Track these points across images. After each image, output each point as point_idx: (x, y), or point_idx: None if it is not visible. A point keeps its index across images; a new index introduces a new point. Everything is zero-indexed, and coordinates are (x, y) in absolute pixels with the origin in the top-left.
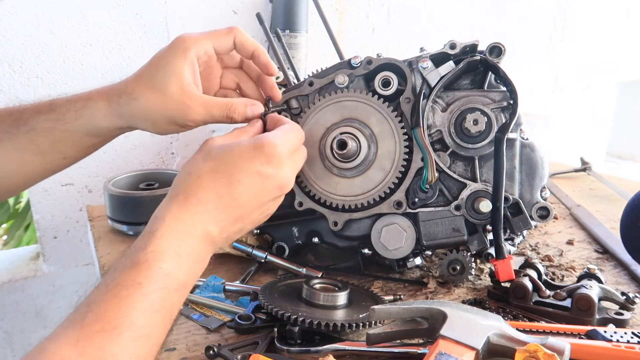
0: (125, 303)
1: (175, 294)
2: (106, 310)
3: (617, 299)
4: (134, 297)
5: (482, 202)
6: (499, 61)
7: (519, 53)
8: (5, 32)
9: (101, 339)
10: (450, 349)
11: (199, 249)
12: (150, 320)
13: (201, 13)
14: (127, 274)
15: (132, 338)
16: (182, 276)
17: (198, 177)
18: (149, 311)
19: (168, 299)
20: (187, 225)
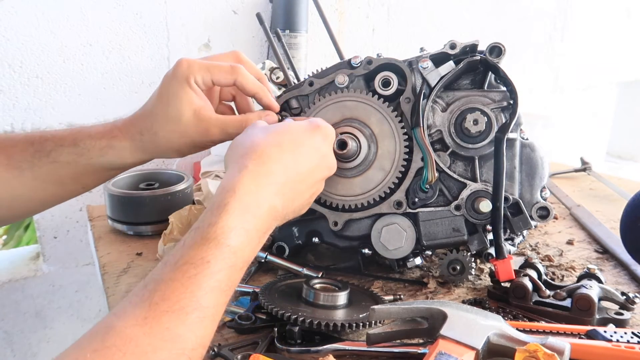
0: (192, 282)
1: (239, 272)
2: (174, 289)
3: (617, 299)
4: (201, 276)
5: (482, 202)
6: (499, 61)
7: (519, 53)
8: (5, 32)
9: (169, 320)
10: (450, 348)
11: (265, 224)
12: (216, 300)
13: (201, 13)
14: (196, 250)
15: (199, 319)
16: (247, 253)
17: (264, 149)
18: (216, 291)
19: (233, 276)
20: (258, 197)
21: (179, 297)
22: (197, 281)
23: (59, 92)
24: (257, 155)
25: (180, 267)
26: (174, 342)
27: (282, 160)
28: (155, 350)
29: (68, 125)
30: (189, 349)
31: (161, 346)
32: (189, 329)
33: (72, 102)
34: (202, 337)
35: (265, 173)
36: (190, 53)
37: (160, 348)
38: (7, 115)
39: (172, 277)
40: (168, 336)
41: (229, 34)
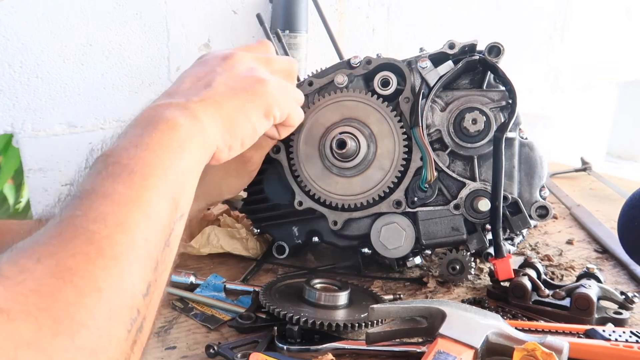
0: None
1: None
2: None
3: (616, 299)
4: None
5: (481, 201)
6: (498, 61)
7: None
8: (5, 32)
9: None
10: (449, 347)
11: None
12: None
13: (201, 13)
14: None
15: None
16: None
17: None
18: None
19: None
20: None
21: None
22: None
23: (59, 92)
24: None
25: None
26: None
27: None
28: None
29: (68, 125)
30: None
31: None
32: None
33: (72, 102)
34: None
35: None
36: (190, 53)
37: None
38: (7, 115)
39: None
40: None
41: (229, 34)
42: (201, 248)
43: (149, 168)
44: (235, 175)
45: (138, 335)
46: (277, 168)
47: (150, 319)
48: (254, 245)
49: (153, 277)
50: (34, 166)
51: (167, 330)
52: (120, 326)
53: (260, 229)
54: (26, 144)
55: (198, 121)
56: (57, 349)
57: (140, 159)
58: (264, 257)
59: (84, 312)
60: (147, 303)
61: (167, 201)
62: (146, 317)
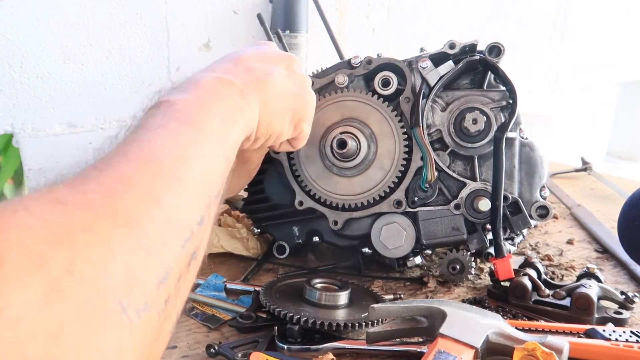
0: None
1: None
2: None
3: (616, 298)
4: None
5: (482, 201)
6: (499, 61)
7: (519, 53)
8: (5, 32)
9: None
10: (449, 347)
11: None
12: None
13: (201, 13)
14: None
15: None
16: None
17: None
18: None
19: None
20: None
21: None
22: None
23: (59, 92)
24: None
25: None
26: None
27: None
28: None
29: (68, 125)
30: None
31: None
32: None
33: (72, 102)
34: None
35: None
36: (190, 53)
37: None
38: (7, 115)
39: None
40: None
41: (229, 34)
42: None
43: (212, 125)
44: (234, 175)
45: (192, 259)
46: (278, 168)
47: (203, 249)
48: (255, 245)
49: (206, 212)
50: (34, 166)
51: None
52: (176, 238)
53: (261, 229)
54: (26, 144)
55: (249, 106)
56: (115, 237)
57: (204, 116)
58: (264, 256)
59: (144, 215)
60: (200, 233)
61: (221, 157)
62: (199, 247)
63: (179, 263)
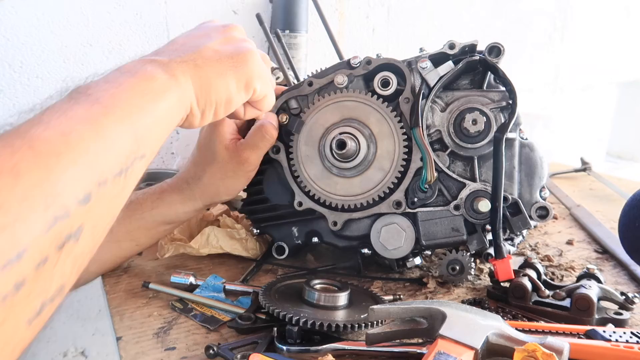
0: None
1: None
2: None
3: (616, 299)
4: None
5: (481, 201)
6: (498, 61)
7: (519, 53)
8: (5, 32)
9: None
10: (449, 348)
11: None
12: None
13: (201, 13)
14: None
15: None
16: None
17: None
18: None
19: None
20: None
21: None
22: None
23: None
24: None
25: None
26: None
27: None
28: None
29: None
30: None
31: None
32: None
33: None
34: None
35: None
36: None
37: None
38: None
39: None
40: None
41: None
42: (201, 249)
43: (115, 101)
44: (232, 176)
45: (68, 241)
46: (277, 168)
47: (90, 232)
48: (254, 246)
49: (96, 190)
50: None
51: (166, 331)
52: (38, 216)
53: (260, 230)
54: None
55: (175, 79)
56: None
57: (109, 93)
58: (263, 257)
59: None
60: (84, 211)
61: (126, 133)
62: (83, 226)
63: (40, 244)
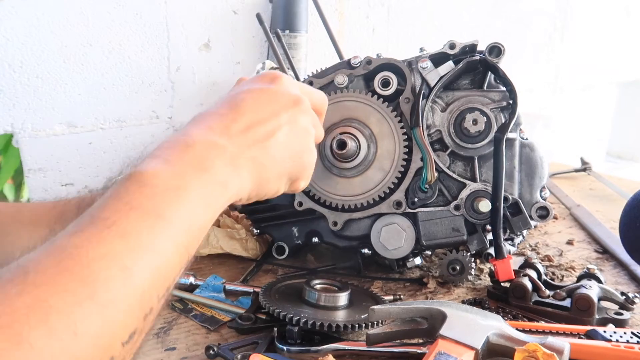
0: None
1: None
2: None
3: (616, 299)
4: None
5: (482, 201)
6: (499, 61)
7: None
8: (5, 32)
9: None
10: (449, 348)
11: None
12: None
13: (201, 13)
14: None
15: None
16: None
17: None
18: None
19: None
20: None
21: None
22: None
23: (59, 92)
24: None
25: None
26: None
27: (216, 111)
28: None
29: (68, 125)
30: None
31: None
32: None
33: (72, 102)
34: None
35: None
36: (190, 53)
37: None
38: (7, 115)
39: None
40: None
41: (229, 34)
42: (200, 249)
43: (180, 219)
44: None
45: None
46: None
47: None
48: (254, 246)
49: (141, 326)
50: (34, 166)
51: (166, 331)
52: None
53: (260, 230)
54: (26, 144)
55: (239, 180)
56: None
57: (176, 204)
58: (263, 257)
59: (48, 357)
60: (126, 350)
61: (181, 255)
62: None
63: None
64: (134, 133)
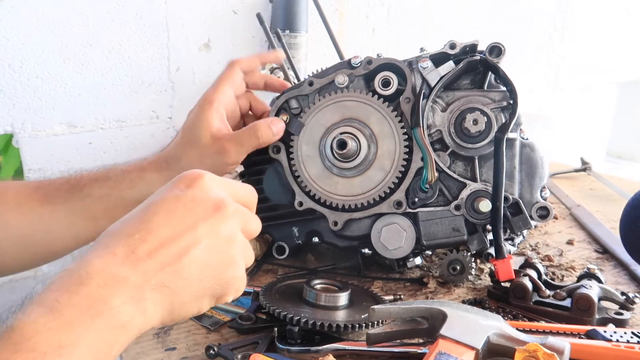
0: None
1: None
2: None
3: (617, 299)
4: None
5: (482, 201)
6: (499, 61)
7: (519, 53)
8: (5, 32)
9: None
10: (450, 348)
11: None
12: None
13: (201, 13)
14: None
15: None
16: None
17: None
18: None
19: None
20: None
21: None
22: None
23: (59, 92)
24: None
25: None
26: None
27: (122, 228)
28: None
29: (68, 125)
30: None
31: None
32: None
33: (72, 102)
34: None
35: (97, 250)
36: (190, 53)
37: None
38: (7, 115)
39: None
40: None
41: (229, 34)
42: None
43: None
44: (210, 164)
45: None
46: (277, 168)
47: None
48: (254, 246)
49: None
50: (34, 166)
51: (166, 332)
52: None
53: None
54: (26, 144)
55: (143, 316)
56: None
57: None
58: (263, 257)
59: None
60: None
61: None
62: None
63: None
64: (134, 133)
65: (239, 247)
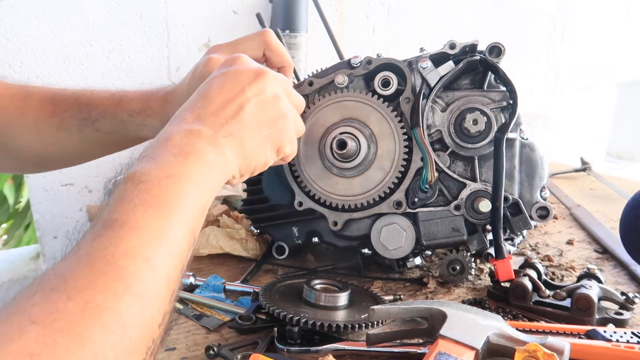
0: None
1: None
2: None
3: (616, 299)
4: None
5: (482, 201)
6: (499, 61)
7: (519, 53)
8: (5, 32)
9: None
10: (450, 348)
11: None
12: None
13: (201, 13)
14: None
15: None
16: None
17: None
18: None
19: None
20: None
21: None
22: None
23: None
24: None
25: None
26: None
27: (187, 104)
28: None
29: None
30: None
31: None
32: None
33: None
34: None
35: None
36: (190, 53)
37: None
38: None
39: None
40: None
41: (229, 34)
42: (200, 249)
43: (179, 204)
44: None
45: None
46: (277, 168)
47: (160, 340)
48: (254, 246)
49: (169, 308)
50: None
51: (166, 332)
52: (138, 358)
53: (260, 230)
54: None
55: (223, 157)
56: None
57: (171, 192)
58: (263, 257)
59: (108, 350)
60: (161, 331)
61: (188, 237)
62: (159, 342)
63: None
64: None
65: (284, 104)
